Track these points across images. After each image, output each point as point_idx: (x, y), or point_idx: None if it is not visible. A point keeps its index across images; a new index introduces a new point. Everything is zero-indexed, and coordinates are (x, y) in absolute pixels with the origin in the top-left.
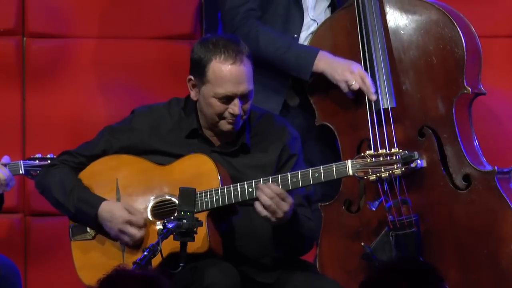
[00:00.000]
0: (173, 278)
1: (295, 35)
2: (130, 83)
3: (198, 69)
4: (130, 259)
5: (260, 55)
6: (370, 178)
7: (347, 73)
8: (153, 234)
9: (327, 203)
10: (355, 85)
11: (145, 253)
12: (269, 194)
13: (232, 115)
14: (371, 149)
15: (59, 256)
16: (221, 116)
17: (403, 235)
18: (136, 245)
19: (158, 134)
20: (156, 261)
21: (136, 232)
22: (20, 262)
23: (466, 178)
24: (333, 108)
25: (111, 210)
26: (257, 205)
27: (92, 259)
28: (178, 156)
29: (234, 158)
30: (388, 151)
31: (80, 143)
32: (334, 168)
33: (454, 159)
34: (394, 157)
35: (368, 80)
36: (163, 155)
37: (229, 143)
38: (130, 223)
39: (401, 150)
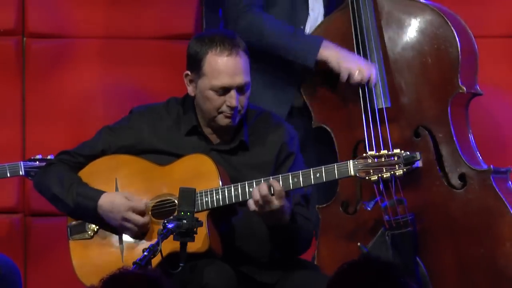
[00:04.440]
0: (171, 277)
1: (301, 26)
2: (130, 83)
3: (195, 63)
4: (129, 258)
5: (264, 42)
6: (372, 179)
7: (355, 64)
8: (153, 234)
9: (325, 205)
10: (357, 77)
11: (145, 253)
12: (263, 191)
13: (230, 108)
14: (367, 150)
15: (59, 256)
16: (218, 110)
17: (399, 234)
18: (139, 235)
19: (157, 133)
20: (156, 261)
21: (139, 218)
22: (20, 262)
23: (462, 177)
24: (329, 109)
25: (112, 200)
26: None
27: (90, 258)
28: (177, 155)
29: (232, 157)
30: (389, 152)
31: (80, 143)
32: (335, 168)
33: (450, 158)
34: (395, 158)
35: (366, 80)
36: (162, 154)
37: (227, 140)
38: (132, 209)
39: (402, 151)
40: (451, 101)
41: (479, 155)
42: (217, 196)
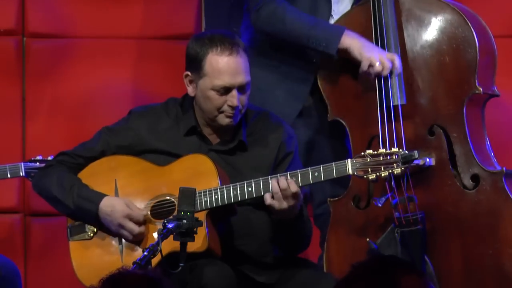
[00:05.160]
0: (171, 277)
1: None
2: (130, 83)
3: (195, 64)
4: (128, 259)
5: (285, 30)
6: (370, 178)
7: (377, 55)
8: (152, 234)
9: (336, 198)
10: (378, 67)
11: (145, 253)
12: (283, 185)
13: (231, 107)
14: (381, 146)
15: (59, 256)
16: (219, 110)
17: (408, 232)
18: (136, 242)
19: (156, 133)
20: (156, 261)
21: (135, 228)
22: (20, 262)
23: (474, 178)
24: (345, 103)
25: (113, 205)
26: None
27: (90, 259)
28: (176, 155)
29: (231, 156)
30: (388, 151)
31: (80, 143)
32: (333, 167)
33: (463, 158)
34: (393, 157)
35: (387, 71)
36: (161, 154)
37: (226, 140)
38: (130, 217)
39: (401, 150)
40: (467, 101)
41: (493, 156)
42: (216, 196)
